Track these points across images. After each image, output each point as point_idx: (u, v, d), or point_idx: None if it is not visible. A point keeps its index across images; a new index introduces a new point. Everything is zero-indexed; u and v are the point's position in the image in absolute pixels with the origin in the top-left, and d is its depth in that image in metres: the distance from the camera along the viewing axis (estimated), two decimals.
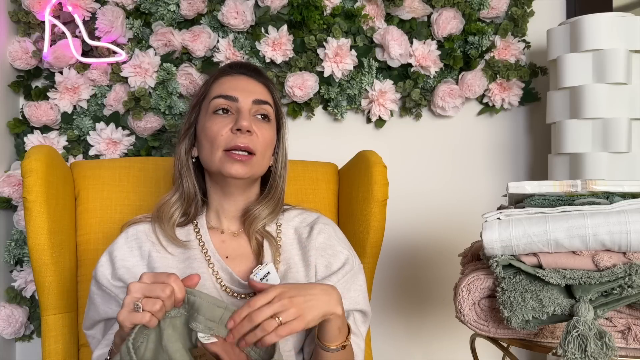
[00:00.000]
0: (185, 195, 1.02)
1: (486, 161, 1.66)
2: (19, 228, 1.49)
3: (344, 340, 0.85)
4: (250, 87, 1.01)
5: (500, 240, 0.88)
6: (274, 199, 1.03)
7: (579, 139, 1.36)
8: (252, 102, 0.99)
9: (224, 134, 0.96)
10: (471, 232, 1.20)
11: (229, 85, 1.01)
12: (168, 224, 0.99)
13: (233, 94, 0.99)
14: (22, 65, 1.51)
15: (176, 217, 1.00)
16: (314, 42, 1.51)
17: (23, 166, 1.05)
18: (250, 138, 0.96)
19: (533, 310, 0.84)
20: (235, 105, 0.98)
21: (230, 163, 0.95)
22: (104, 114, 1.53)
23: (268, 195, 1.03)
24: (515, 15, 1.56)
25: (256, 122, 0.99)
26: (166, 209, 1.00)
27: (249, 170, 0.96)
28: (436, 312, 1.65)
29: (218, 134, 0.96)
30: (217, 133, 0.96)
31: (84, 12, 1.50)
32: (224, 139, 0.96)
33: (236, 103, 0.98)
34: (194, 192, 1.02)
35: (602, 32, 1.31)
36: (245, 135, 0.95)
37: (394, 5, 1.52)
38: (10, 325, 1.47)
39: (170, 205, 1.01)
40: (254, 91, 1.01)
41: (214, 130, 0.96)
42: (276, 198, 1.04)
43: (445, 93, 1.55)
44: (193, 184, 1.02)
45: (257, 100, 1.00)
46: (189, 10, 1.50)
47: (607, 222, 0.85)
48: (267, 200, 1.02)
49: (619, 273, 0.83)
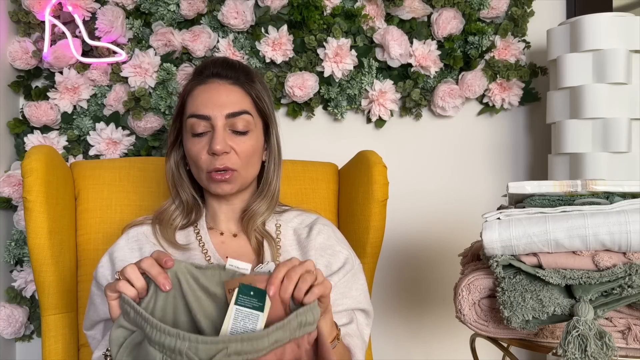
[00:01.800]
0: (184, 204, 1.03)
1: (486, 161, 1.66)
2: (19, 228, 1.49)
3: (335, 338, 0.85)
4: (224, 97, 0.97)
5: (501, 240, 0.88)
6: (269, 195, 1.03)
7: (579, 139, 1.36)
8: (225, 116, 0.96)
9: (203, 157, 0.96)
10: (471, 232, 1.20)
11: (201, 99, 0.97)
12: (170, 228, 1.00)
13: (205, 112, 0.95)
14: (22, 65, 1.51)
15: (178, 222, 1.02)
16: (314, 42, 1.51)
17: (23, 166, 1.05)
18: (227, 157, 0.95)
19: (533, 310, 0.83)
20: (210, 124, 0.96)
21: (215, 184, 0.96)
22: (104, 114, 1.53)
23: (262, 192, 1.03)
24: (515, 15, 1.56)
25: (232, 137, 0.96)
26: (166, 216, 1.02)
27: (234, 186, 0.97)
28: (436, 312, 1.65)
29: (198, 157, 0.96)
30: (197, 156, 0.96)
31: (84, 12, 1.50)
32: (204, 161, 0.96)
33: (210, 121, 0.96)
34: (192, 200, 1.03)
35: (602, 32, 1.31)
36: (222, 156, 0.95)
37: (394, 5, 1.52)
38: (10, 325, 1.47)
39: (170, 213, 1.02)
40: (227, 102, 0.97)
41: (194, 152, 0.97)
42: (270, 194, 1.03)
43: (445, 93, 1.55)
44: (190, 193, 1.03)
45: (231, 114, 0.96)
46: (189, 10, 1.50)
47: (607, 222, 0.85)
48: (262, 197, 1.02)
49: (619, 273, 0.83)
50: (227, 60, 1.03)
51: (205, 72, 1.01)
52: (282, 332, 0.66)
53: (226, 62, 1.02)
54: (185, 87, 1.03)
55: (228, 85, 0.99)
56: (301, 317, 0.68)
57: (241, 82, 1.00)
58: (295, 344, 0.68)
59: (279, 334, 0.66)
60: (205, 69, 1.02)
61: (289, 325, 0.67)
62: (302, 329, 0.68)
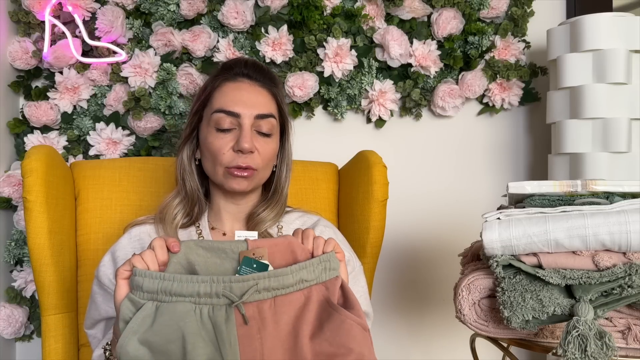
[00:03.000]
0: (188, 197, 1.02)
1: (486, 161, 1.66)
2: (19, 228, 1.49)
3: None
4: (253, 97, 0.98)
5: (500, 240, 0.88)
6: (279, 202, 1.04)
7: (579, 139, 1.36)
8: (254, 117, 0.97)
9: (225, 152, 0.96)
10: (471, 232, 1.20)
11: (231, 96, 0.98)
12: (171, 226, 1.00)
13: (235, 110, 0.96)
14: (22, 65, 1.51)
15: (179, 219, 1.01)
16: (314, 42, 1.51)
17: (23, 166, 1.05)
18: (252, 157, 0.96)
19: (533, 310, 0.83)
20: (237, 121, 0.96)
21: (232, 179, 0.96)
22: (104, 114, 1.53)
23: (273, 199, 1.04)
24: (515, 15, 1.56)
25: (257, 138, 0.98)
26: (169, 211, 1.01)
27: (250, 183, 0.98)
28: (436, 312, 1.65)
29: (220, 152, 0.96)
30: (219, 150, 0.96)
31: (84, 12, 1.50)
32: (226, 157, 0.96)
33: (238, 119, 0.96)
34: (197, 193, 1.03)
35: (602, 32, 1.31)
36: (247, 155, 0.96)
37: (394, 5, 1.52)
38: (10, 325, 1.47)
39: (173, 207, 1.01)
40: (257, 103, 0.98)
41: (215, 147, 0.96)
42: (281, 202, 1.05)
43: (445, 93, 1.55)
44: (196, 185, 1.03)
45: (260, 115, 0.97)
46: (189, 10, 1.50)
47: (607, 222, 0.85)
48: (272, 204, 1.03)
49: (619, 273, 0.83)
50: (258, 63, 1.06)
51: (236, 69, 1.01)
52: (306, 272, 0.73)
53: (257, 65, 1.04)
54: (211, 82, 1.02)
55: (258, 87, 1.00)
56: (324, 262, 0.75)
57: (269, 86, 1.02)
58: (323, 286, 0.74)
59: (303, 273, 0.72)
60: (236, 66, 1.02)
61: (313, 267, 0.74)
62: (327, 272, 0.75)
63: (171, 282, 0.69)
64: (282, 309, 0.71)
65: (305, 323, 0.71)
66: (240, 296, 0.69)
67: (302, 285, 0.73)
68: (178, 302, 0.69)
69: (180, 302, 0.69)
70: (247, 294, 0.69)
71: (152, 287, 0.70)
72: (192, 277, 0.70)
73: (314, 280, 0.74)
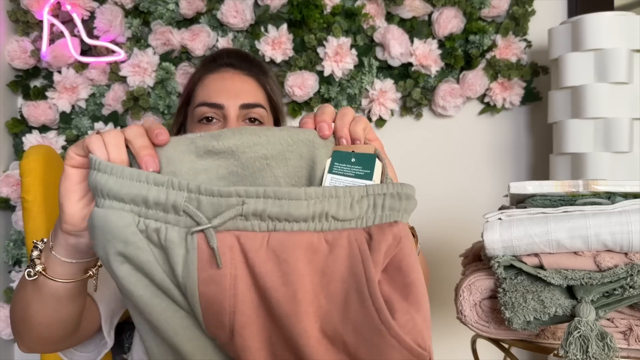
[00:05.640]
0: None
1: (487, 161, 1.66)
2: (17, 228, 1.49)
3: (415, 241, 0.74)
4: (238, 86, 0.92)
5: (502, 241, 0.88)
6: None
7: (581, 138, 1.35)
8: (239, 107, 0.90)
9: None
10: (472, 233, 1.19)
11: (214, 88, 0.92)
12: None
13: (218, 101, 0.90)
14: (20, 65, 1.50)
15: None
16: (314, 41, 1.51)
17: (21, 166, 1.05)
18: None
19: (534, 311, 0.83)
20: (222, 113, 0.91)
21: None
22: (103, 113, 1.52)
23: None
24: (516, 14, 1.55)
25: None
26: None
27: None
28: (437, 313, 1.64)
29: None
30: None
31: (83, 11, 1.49)
32: None
33: (222, 110, 0.90)
34: None
35: (604, 31, 1.31)
36: None
37: (394, 4, 1.52)
38: (9, 326, 1.46)
39: None
40: (242, 92, 0.91)
41: None
42: None
43: (446, 92, 1.54)
44: None
45: (245, 105, 0.91)
46: (188, 9, 1.49)
47: (608, 222, 0.84)
48: None
49: (620, 273, 0.83)
50: (241, 51, 0.97)
51: (218, 61, 0.96)
52: (336, 204, 0.42)
53: (240, 53, 0.97)
54: (193, 76, 0.97)
55: (242, 76, 0.94)
56: (383, 191, 0.43)
57: (255, 74, 0.95)
58: (365, 234, 0.42)
59: (331, 204, 0.42)
60: (218, 57, 0.97)
61: (351, 195, 0.42)
62: (384, 211, 0.43)
63: (107, 175, 0.46)
64: (279, 256, 0.43)
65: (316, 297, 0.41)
66: (211, 218, 0.43)
67: (324, 226, 0.43)
68: (111, 210, 0.45)
69: (116, 211, 0.45)
70: (223, 216, 0.43)
71: (102, 188, 0.46)
72: (142, 174, 0.46)
73: (348, 221, 0.43)
